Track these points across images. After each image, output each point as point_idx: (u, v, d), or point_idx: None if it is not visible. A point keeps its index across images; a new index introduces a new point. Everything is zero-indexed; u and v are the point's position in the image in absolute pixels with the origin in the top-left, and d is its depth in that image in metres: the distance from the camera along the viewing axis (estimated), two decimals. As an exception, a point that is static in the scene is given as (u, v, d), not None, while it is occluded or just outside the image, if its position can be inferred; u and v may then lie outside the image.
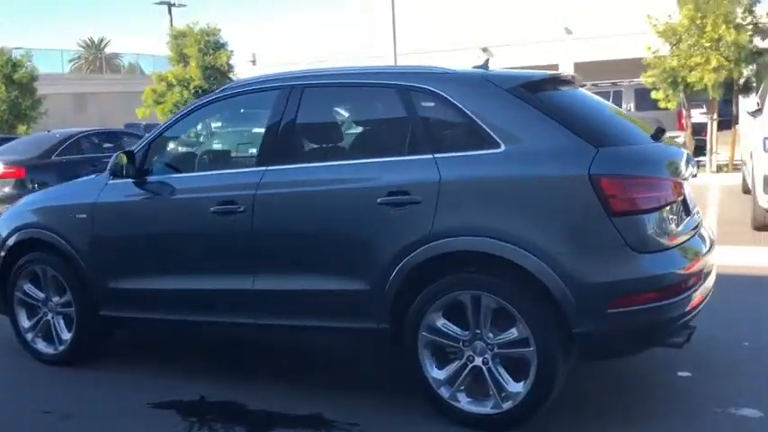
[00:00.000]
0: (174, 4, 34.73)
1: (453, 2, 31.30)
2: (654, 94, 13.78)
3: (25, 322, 4.96)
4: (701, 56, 12.35)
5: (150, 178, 4.42)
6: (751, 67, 12.74)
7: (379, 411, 3.86)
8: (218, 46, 17.47)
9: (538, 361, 3.41)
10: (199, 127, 4.90)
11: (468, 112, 3.64)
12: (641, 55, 14.29)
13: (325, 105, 4.27)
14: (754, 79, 13.06)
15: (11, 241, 4.90)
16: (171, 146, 4.72)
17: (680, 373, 4.23)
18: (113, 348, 5.01)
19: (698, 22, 12.30)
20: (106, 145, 11.82)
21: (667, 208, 3.51)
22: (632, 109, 15.78)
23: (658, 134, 3.85)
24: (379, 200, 3.68)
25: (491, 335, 3.53)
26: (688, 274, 3.45)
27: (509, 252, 3.40)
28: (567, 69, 31.75)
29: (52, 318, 4.84)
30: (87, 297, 4.63)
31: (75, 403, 4.22)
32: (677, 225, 3.60)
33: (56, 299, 4.81)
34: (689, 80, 12.81)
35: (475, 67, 4.18)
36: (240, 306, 4.11)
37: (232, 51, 17.62)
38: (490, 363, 3.54)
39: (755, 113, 8.37)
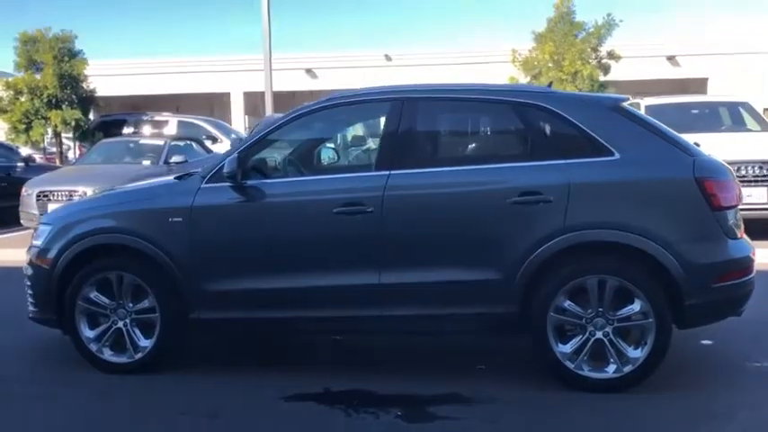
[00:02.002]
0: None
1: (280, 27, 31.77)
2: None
3: (88, 332, 4.79)
4: (561, 87, 14.14)
5: (255, 182, 4.57)
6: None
7: (511, 387, 4.37)
8: (73, 54, 16.46)
9: (656, 330, 4.16)
10: (308, 133, 5.08)
11: (581, 125, 4.34)
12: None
13: (443, 116, 4.73)
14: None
15: (77, 248, 4.72)
16: (273, 150, 4.85)
17: (703, 342, 5.20)
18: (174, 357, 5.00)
19: (555, 57, 14.08)
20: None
21: (737, 206, 4.45)
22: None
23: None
24: (510, 200, 4.24)
25: (612, 311, 4.22)
26: (754, 258, 4.41)
27: (636, 241, 4.14)
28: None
29: (125, 325, 4.74)
30: (176, 301, 4.63)
31: (205, 403, 4.25)
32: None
33: (130, 305, 4.73)
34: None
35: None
36: (366, 300, 4.42)
37: (86, 58, 16.70)
38: (611, 335, 4.23)
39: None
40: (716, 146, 5.63)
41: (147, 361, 4.72)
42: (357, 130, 5.08)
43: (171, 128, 17.16)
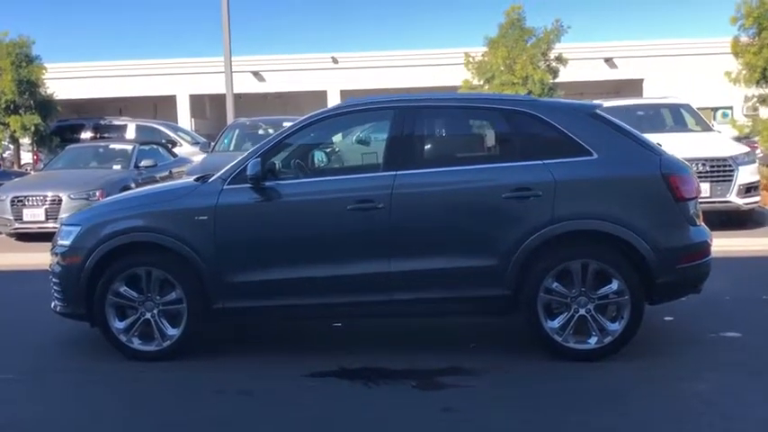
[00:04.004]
0: None
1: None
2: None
3: (118, 324, 5.20)
4: (513, 90, 14.92)
5: (273, 183, 5.07)
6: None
7: (506, 359, 4.99)
8: (31, 59, 16.42)
9: (631, 306, 4.84)
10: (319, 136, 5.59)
11: (563, 129, 4.99)
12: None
13: (441, 122, 5.33)
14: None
15: (108, 246, 5.12)
16: (288, 154, 5.34)
17: (666, 318, 5.92)
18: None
19: (507, 62, 14.89)
20: None
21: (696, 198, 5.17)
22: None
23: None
24: (504, 195, 4.86)
25: (593, 291, 4.88)
26: (711, 243, 5.13)
27: (613, 229, 4.81)
28: (334, 96, 34.09)
29: (153, 316, 5.17)
30: (202, 292, 5.09)
31: (236, 382, 4.72)
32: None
33: (158, 298, 5.16)
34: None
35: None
36: (377, 286, 4.97)
37: (44, 64, 16.66)
38: (592, 311, 4.89)
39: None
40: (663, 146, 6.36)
41: (175, 348, 5.16)
42: (366, 134, 5.61)
43: (129, 132, 17.31)
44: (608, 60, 29.01)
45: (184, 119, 32.43)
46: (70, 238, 5.29)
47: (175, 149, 15.44)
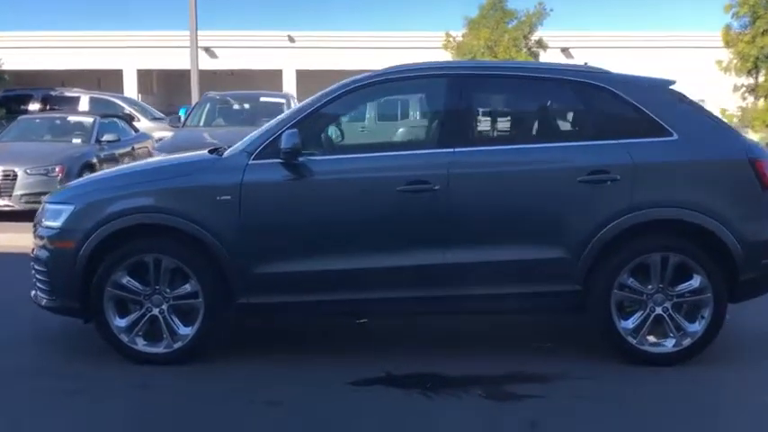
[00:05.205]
0: None
1: (177, 3, 30.63)
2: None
3: (119, 321, 4.41)
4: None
5: (309, 158, 4.35)
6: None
7: (574, 363, 4.40)
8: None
9: (714, 304, 4.32)
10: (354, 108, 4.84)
11: (640, 106, 4.42)
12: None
13: (503, 94, 4.67)
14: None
15: (108, 229, 4.33)
16: (324, 125, 4.59)
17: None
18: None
19: (490, 44, 14.33)
20: None
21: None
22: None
23: None
24: (579, 178, 4.26)
25: (671, 287, 4.34)
26: None
27: (699, 219, 4.26)
28: (289, 76, 33.10)
29: (161, 313, 4.40)
30: (222, 285, 4.35)
31: (263, 390, 4.02)
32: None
33: (168, 291, 4.40)
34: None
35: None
36: (429, 280, 4.31)
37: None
38: (670, 310, 4.35)
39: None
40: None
41: (187, 350, 4.41)
42: (412, 105, 4.91)
43: (83, 105, 16.12)
44: (564, 50, 28.60)
45: (131, 94, 30.91)
46: (61, 218, 4.45)
47: (136, 125, 14.40)
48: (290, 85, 31.46)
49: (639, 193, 4.26)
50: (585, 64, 5.13)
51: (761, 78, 12.50)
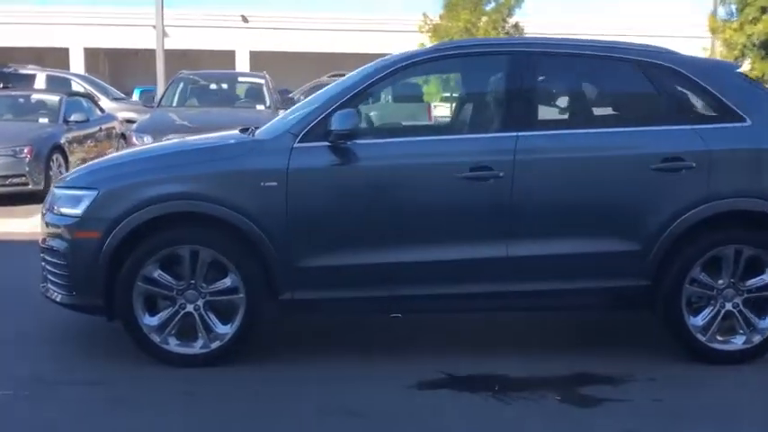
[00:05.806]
0: None
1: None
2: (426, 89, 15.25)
3: (149, 319, 3.97)
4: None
5: (362, 142, 3.97)
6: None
7: (639, 363, 4.15)
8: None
9: (786, 300, 4.13)
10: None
11: (711, 89, 4.17)
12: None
13: (568, 74, 4.34)
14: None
15: (139, 217, 3.87)
16: (373, 105, 4.20)
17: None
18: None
19: (468, 26, 14.04)
20: None
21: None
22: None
23: None
24: (653, 166, 4.00)
25: (742, 282, 4.13)
26: None
27: (776, 209, 4.05)
28: (243, 57, 32.24)
29: (196, 309, 3.98)
30: (265, 280, 3.95)
31: (334, 399, 3.66)
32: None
33: (204, 285, 3.97)
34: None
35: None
36: (491, 275, 4.00)
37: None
38: (740, 306, 4.13)
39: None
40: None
41: (227, 350, 4.00)
42: (470, 85, 4.55)
43: (39, 83, 15.21)
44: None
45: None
46: (81, 205, 3.96)
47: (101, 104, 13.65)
48: (243, 66, 30.64)
49: (716, 181, 4.02)
50: None
51: (747, 67, 12.57)
